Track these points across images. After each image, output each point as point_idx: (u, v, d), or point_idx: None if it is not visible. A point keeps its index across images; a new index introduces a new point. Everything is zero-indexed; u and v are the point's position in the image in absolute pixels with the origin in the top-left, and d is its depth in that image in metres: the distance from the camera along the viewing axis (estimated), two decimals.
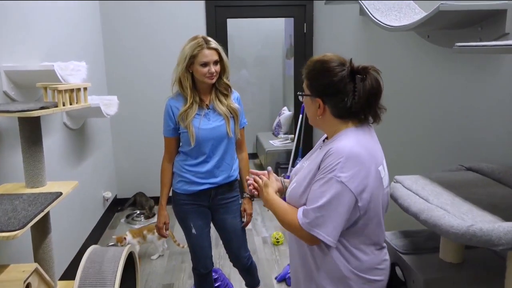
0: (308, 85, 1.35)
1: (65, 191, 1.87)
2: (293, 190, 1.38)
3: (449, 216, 1.20)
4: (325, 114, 1.33)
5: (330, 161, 1.24)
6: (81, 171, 3.28)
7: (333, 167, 1.22)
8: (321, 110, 1.33)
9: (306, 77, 1.36)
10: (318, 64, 1.32)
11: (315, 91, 1.32)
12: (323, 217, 1.23)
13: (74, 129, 3.13)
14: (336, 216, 1.22)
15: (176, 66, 2.01)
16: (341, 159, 1.22)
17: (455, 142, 1.96)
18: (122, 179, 4.42)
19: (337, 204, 1.22)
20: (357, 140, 1.27)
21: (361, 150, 1.25)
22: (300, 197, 1.33)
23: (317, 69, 1.31)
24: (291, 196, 1.39)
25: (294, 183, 1.39)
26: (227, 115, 2.05)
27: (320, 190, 1.24)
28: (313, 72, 1.32)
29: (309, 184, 1.31)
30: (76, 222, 3.13)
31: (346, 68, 1.28)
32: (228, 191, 2.17)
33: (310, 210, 1.25)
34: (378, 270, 1.35)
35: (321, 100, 1.31)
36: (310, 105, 1.36)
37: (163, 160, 2.14)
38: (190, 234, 2.15)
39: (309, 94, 1.35)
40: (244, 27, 5.78)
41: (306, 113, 1.42)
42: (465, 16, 1.56)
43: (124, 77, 4.21)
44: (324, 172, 1.24)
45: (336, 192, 1.21)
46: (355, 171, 1.21)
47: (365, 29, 2.96)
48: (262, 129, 6.04)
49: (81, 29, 3.43)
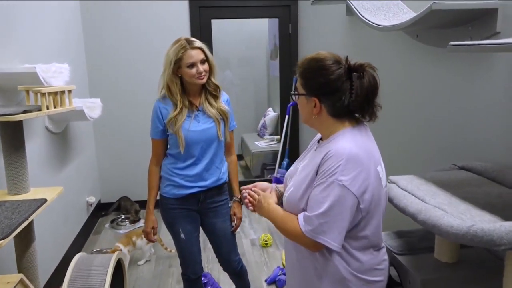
0: (303, 84, 1.32)
1: (49, 197, 1.81)
2: (291, 195, 1.34)
3: (448, 216, 1.18)
4: (321, 113, 1.30)
5: (329, 164, 1.21)
6: (64, 176, 3.20)
7: (333, 170, 1.20)
8: (317, 110, 1.30)
9: (300, 76, 1.32)
10: (313, 62, 1.29)
11: (311, 90, 1.29)
12: (327, 223, 1.20)
13: (56, 133, 3.04)
14: (340, 221, 1.20)
15: (163, 72, 1.96)
16: (341, 161, 1.19)
17: (447, 141, 1.96)
18: (106, 183, 4.33)
19: (341, 209, 1.19)
20: (355, 141, 1.25)
21: (360, 151, 1.23)
22: (299, 201, 1.30)
23: (313, 67, 1.28)
24: (289, 201, 1.35)
25: (291, 187, 1.35)
26: (217, 117, 2.02)
27: (321, 195, 1.21)
28: (309, 71, 1.29)
29: (308, 187, 1.28)
30: (60, 228, 3.04)
31: (343, 66, 1.26)
32: (217, 195, 2.13)
33: (313, 216, 1.22)
34: (377, 271, 1.33)
35: (317, 99, 1.28)
36: (305, 105, 1.33)
37: (150, 163, 2.09)
38: (179, 239, 2.10)
39: (304, 93, 1.31)
40: (228, 28, 5.74)
41: (300, 113, 1.39)
42: (457, 15, 1.56)
43: (106, 79, 4.12)
44: (324, 176, 1.22)
45: (339, 196, 1.19)
46: (356, 173, 1.19)
47: (352, 29, 2.96)
48: (247, 130, 6.01)
49: (61, 30, 3.34)
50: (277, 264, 3.13)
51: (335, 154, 1.21)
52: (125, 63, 4.13)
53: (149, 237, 2.13)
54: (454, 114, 1.90)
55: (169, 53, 1.93)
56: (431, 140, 2.09)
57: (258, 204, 1.45)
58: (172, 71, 1.92)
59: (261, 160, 5.07)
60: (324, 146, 1.30)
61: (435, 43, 1.92)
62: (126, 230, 3.90)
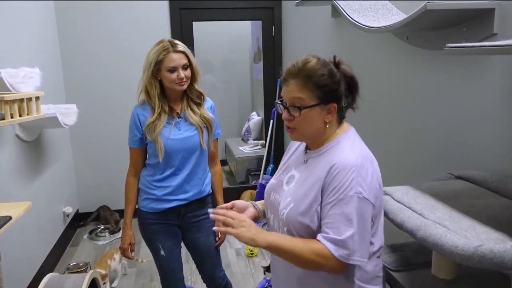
0: (315, 92, 1.19)
1: (15, 214, 1.66)
2: (292, 211, 1.23)
3: (451, 234, 1.08)
4: (332, 120, 1.24)
5: (341, 178, 1.13)
6: (38, 187, 3.02)
7: (348, 184, 1.12)
8: (333, 116, 1.23)
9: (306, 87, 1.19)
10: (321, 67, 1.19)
11: (327, 97, 1.20)
12: (358, 241, 1.11)
13: (28, 141, 2.87)
14: (366, 234, 1.14)
15: (142, 74, 1.83)
16: (353, 173, 1.13)
17: (440, 148, 1.87)
18: (84, 192, 4.15)
19: (365, 222, 1.13)
20: (356, 147, 1.21)
21: (365, 157, 1.18)
22: (301, 217, 1.20)
23: (323, 73, 1.19)
24: (288, 218, 1.23)
25: (291, 204, 1.23)
26: (200, 125, 1.89)
27: (345, 212, 1.12)
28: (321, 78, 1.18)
29: (313, 203, 1.18)
30: (32, 242, 2.86)
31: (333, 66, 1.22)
32: (199, 208, 1.99)
33: (346, 239, 1.10)
34: (378, 279, 1.27)
35: (336, 104, 1.21)
36: (316, 115, 1.20)
37: (128, 174, 1.96)
38: (159, 256, 1.97)
39: (317, 103, 1.19)
40: (210, 30, 5.62)
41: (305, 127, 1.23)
42: (452, 15, 1.47)
43: (84, 83, 3.94)
44: (341, 192, 1.13)
45: (361, 209, 1.12)
46: (369, 181, 1.15)
47: (338, 31, 2.87)
48: (231, 135, 5.89)
49: (34, 31, 3.17)
50: (264, 276, 3.01)
51: (343, 166, 1.15)
52: (104, 67, 3.96)
53: (126, 254, 1.98)
54: (447, 120, 1.81)
55: (150, 54, 1.81)
56: (423, 147, 2.00)
57: (238, 233, 1.18)
58: (151, 73, 1.80)
59: (246, 165, 4.95)
60: (322, 157, 1.23)
61: (427, 45, 1.84)
62: (106, 241, 3.75)
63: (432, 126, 1.92)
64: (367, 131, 2.49)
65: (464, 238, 1.05)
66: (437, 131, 1.88)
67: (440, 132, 1.86)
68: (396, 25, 1.67)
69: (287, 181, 1.33)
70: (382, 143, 2.35)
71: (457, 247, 1.02)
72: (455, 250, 1.03)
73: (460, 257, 1.01)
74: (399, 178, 2.16)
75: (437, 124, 1.88)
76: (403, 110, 2.15)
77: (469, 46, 1.16)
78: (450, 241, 1.05)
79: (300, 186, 1.25)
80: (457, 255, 1.02)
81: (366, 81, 2.51)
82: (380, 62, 2.34)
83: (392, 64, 2.22)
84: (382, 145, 2.34)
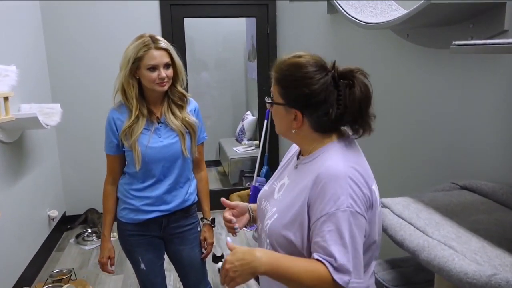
0: (282, 92, 1.10)
1: None
2: (275, 222, 1.11)
3: (459, 257, 0.95)
4: (303, 127, 1.10)
5: (329, 190, 0.99)
6: (20, 190, 2.88)
7: (337, 197, 0.98)
8: (299, 123, 1.09)
9: (277, 83, 1.11)
10: (294, 69, 1.07)
11: (292, 101, 1.08)
12: (353, 261, 0.97)
13: (8, 142, 2.72)
14: (359, 251, 1.00)
15: (119, 72, 1.68)
16: (342, 184, 0.99)
17: (442, 154, 1.74)
18: (71, 194, 4.00)
19: (359, 238, 1.00)
20: (345, 157, 1.06)
21: (352, 169, 1.03)
22: (284, 229, 1.08)
23: (294, 75, 1.07)
24: (272, 231, 1.12)
25: (275, 214, 1.12)
26: (181, 130, 1.73)
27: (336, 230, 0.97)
28: (289, 78, 1.08)
29: (297, 215, 1.06)
30: (11, 250, 2.71)
31: (329, 73, 1.05)
32: (183, 218, 1.84)
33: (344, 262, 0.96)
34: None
35: (299, 112, 1.08)
36: (283, 116, 1.12)
37: (105, 182, 1.82)
38: (139, 269, 1.83)
39: (283, 103, 1.10)
40: (203, 27, 5.48)
41: (276, 124, 1.17)
42: (457, 10, 1.34)
43: (71, 82, 3.79)
44: (329, 206, 0.99)
45: (355, 225, 0.99)
46: (356, 192, 1.00)
47: (334, 28, 2.74)
48: (225, 135, 5.75)
49: (16, 26, 3.01)
50: None
51: (328, 178, 1.01)
52: (92, 65, 3.81)
53: (105, 269, 1.84)
54: (451, 124, 1.68)
55: (128, 49, 1.65)
56: (424, 152, 1.87)
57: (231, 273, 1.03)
58: (129, 71, 1.64)
59: (239, 167, 4.82)
60: (309, 165, 1.10)
61: (429, 43, 1.71)
62: (93, 245, 3.61)
63: (434, 130, 1.79)
64: None
65: (474, 263, 0.92)
66: (440, 135, 1.75)
67: (443, 136, 1.73)
68: (396, 21, 1.54)
69: (278, 188, 1.22)
70: (380, 147, 2.22)
71: (467, 274, 0.89)
72: (465, 277, 0.90)
73: (470, 286, 0.88)
74: (399, 186, 2.04)
75: (440, 128, 1.75)
76: (402, 113, 2.02)
77: (480, 44, 1.03)
78: (459, 267, 0.92)
79: (287, 195, 1.14)
80: (467, 283, 0.89)
81: None
82: (379, 61, 2.21)
83: (391, 63, 2.09)
84: (380, 150, 2.21)
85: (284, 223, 1.09)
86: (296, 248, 1.08)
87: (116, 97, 1.74)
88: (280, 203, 1.14)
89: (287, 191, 1.15)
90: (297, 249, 1.08)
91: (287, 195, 1.14)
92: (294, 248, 1.08)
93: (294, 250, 1.09)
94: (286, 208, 1.10)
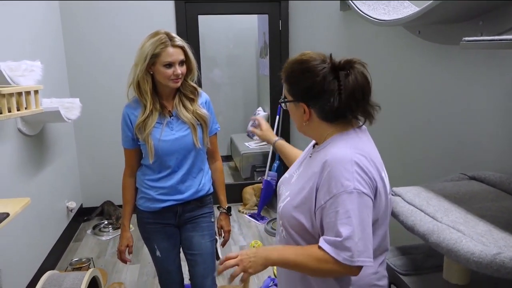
0: (289, 90, 1.21)
1: (13, 210, 1.61)
2: (287, 205, 1.20)
3: (466, 239, 1.02)
4: (312, 119, 1.20)
5: (336, 174, 1.07)
6: (41, 181, 2.98)
7: (345, 179, 1.06)
8: (307, 115, 1.19)
9: (285, 82, 1.22)
10: (296, 65, 1.18)
11: (298, 95, 1.19)
12: (361, 240, 1.04)
13: (31, 135, 2.83)
14: (367, 231, 1.06)
15: (134, 67, 1.72)
16: (349, 167, 1.07)
17: (452, 147, 1.80)
18: (87, 187, 4.12)
19: (365, 218, 1.06)
20: (351, 144, 1.14)
21: (358, 155, 1.10)
22: (294, 211, 1.17)
23: (296, 70, 1.17)
24: (283, 212, 1.21)
25: (287, 197, 1.22)
26: (193, 123, 1.78)
27: (343, 210, 1.04)
28: (293, 75, 1.19)
29: (306, 199, 1.14)
30: (35, 237, 2.83)
31: (327, 64, 1.14)
32: (197, 208, 1.90)
33: (346, 240, 1.03)
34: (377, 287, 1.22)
35: (305, 104, 1.18)
36: (295, 111, 1.23)
37: (124, 174, 1.90)
38: (155, 257, 1.90)
39: (292, 100, 1.21)
40: (216, 24, 5.55)
41: (293, 121, 1.28)
42: (467, 8, 1.40)
43: (88, 78, 3.90)
44: (336, 188, 1.06)
45: (360, 205, 1.05)
46: (362, 175, 1.08)
47: (347, 25, 2.80)
48: (236, 130, 5.83)
49: (37, 25, 3.12)
50: (268, 274, 2.96)
51: (334, 162, 1.09)
52: (108, 61, 3.91)
53: (123, 256, 1.91)
54: (461, 117, 1.74)
55: (145, 45, 1.69)
56: (435, 145, 1.93)
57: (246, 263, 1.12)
58: (145, 67, 1.69)
59: (251, 161, 4.89)
60: (319, 152, 1.19)
61: (440, 39, 1.76)
62: (109, 236, 3.72)
63: (444, 123, 1.85)
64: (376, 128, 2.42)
65: (481, 244, 0.99)
66: (449, 128, 1.81)
67: (453, 129, 1.79)
68: (408, 19, 1.60)
69: (296, 176, 1.31)
70: (391, 141, 2.28)
71: (474, 254, 0.96)
72: (471, 257, 0.96)
73: (477, 265, 0.95)
74: (410, 177, 2.10)
75: (449, 121, 1.81)
76: (414, 107, 2.08)
77: (488, 40, 1.09)
78: (466, 248, 0.99)
79: (299, 180, 1.23)
80: (474, 262, 0.96)
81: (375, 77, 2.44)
82: (390, 57, 2.27)
83: (403, 59, 2.15)
84: (392, 143, 2.27)
85: (294, 205, 1.18)
86: (306, 230, 1.16)
87: (129, 93, 1.79)
88: (293, 186, 1.24)
89: (300, 177, 1.24)
90: (308, 231, 1.16)
91: (299, 181, 1.22)
92: (305, 230, 1.16)
93: (305, 232, 1.17)
94: (297, 191, 1.19)
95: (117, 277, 3.01)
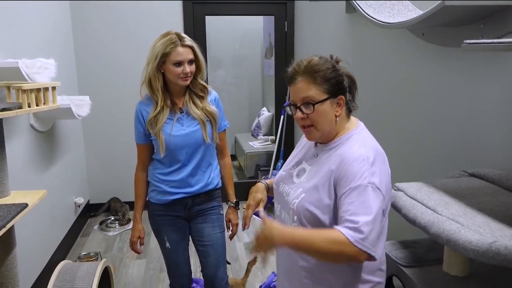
0: (325, 87, 1.22)
1: (31, 201, 1.69)
2: (302, 200, 1.25)
3: (465, 230, 1.08)
4: (342, 113, 1.27)
5: (354, 170, 1.15)
6: (50, 176, 3.06)
7: (361, 174, 1.14)
8: (341, 108, 1.26)
9: (318, 81, 1.22)
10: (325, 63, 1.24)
11: (333, 89, 1.23)
12: (373, 231, 1.09)
13: (42, 131, 2.91)
14: (379, 223, 1.13)
15: (146, 65, 1.81)
16: (365, 165, 1.15)
17: (454, 145, 1.87)
18: (95, 183, 4.19)
19: (378, 210, 1.12)
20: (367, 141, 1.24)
21: (375, 151, 1.20)
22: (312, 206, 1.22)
23: (329, 67, 1.23)
24: (299, 207, 1.25)
25: (302, 194, 1.26)
26: (202, 119, 1.86)
27: (361, 200, 1.11)
28: (328, 71, 1.23)
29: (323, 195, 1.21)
30: (45, 231, 2.90)
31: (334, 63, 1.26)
32: (206, 201, 1.97)
33: (362, 224, 1.07)
34: (380, 272, 1.29)
35: (343, 96, 1.25)
36: (329, 110, 1.23)
37: (136, 169, 1.96)
38: (165, 248, 1.97)
39: (327, 97, 1.22)
40: (221, 25, 5.62)
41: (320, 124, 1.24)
42: (470, 11, 1.46)
43: (96, 76, 3.98)
44: (354, 181, 1.13)
45: (375, 199, 1.12)
46: (380, 174, 1.16)
47: (352, 28, 2.86)
48: (241, 130, 5.90)
49: (48, 23, 3.20)
50: (272, 270, 3.02)
51: (355, 159, 1.17)
52: (116, 60, 3.99)
53: (135, 247, 1.98)
54: (462, 117, 1.80)
55: (156, 45, 1.78)
56: (437, 144, 1.99)
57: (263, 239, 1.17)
58: (156, 65, 1.77)
59: (255, 161, 4.96)
60: (334, 150, 1.26)
61: (443, 42, 1.83)
62: (116, 232, 3.79)
63: (446, 123, 1.91)
64: (381, 127, 2.49)
65: (478, 234, 1.05)
66: (451, 128, 1.88)
67: (454, 129, 1.86)
68: (412, 21, 1.67)
69: (297, 173, 1.35)
70: (395, 139, 2.34)
71: (471, 242, 1.02)
72: (469, 246, 1.03)
73: (474, 253, 1.01)
74: (412, 174, 2.16)
75: (451, 121, 1.87)
76: (417, 107, 2.14)
77: (488, 42, 1.15)
78: (464, 237, 1.05)
79: (311, 178, 1.27)
80: (471, 250, 1.02)
81: (380, 78, 2.51)
82: (395, 59, 2.33)
83: (407, 61, 2.21)
84: (395, 141, 2.34)
85: (310, 201, 1.23)
86: (323, 223, 1.22)
87: (142, 91, 1.87)
88: (306, 183, 1.28)
89: (311, 175, 1.28)
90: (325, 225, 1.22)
91: (311, 178, 1.27)
92: (321, 223, 1.22)
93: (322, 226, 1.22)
94: (312, 188, 1.24)
95: (123, 271, 3.08)
